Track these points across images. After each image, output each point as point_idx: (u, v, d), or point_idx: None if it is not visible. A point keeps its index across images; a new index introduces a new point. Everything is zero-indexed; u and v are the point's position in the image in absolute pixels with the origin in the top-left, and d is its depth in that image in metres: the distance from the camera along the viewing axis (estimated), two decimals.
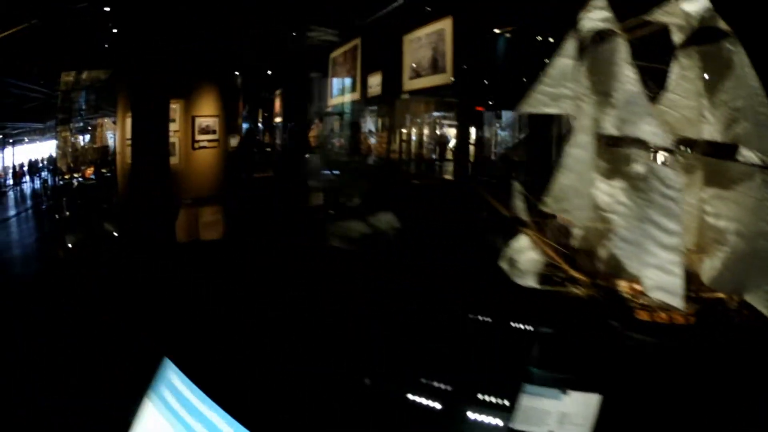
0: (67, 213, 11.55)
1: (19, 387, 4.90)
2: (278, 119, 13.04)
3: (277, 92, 13.07)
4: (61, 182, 13.72)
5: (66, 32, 12.08)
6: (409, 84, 8.78)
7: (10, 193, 28.05)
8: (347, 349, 4.33)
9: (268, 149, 13.15)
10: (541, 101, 5.14)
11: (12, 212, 19.81)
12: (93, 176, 11.13)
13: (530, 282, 4.53)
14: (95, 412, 3.89)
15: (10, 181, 33.42)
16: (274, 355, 4.51)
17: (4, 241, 13.51)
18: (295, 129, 12.33)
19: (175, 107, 11.48)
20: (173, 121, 11.41)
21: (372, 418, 3.27)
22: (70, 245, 9.66)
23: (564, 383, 2.85)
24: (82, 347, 5.71)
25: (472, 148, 8.77)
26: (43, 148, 41.25)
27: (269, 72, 13.40)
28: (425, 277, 5.96)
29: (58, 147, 14.88)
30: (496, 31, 7.98)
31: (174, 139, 11.25)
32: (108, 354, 5.33)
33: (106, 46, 12.41)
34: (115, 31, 11.66)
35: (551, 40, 7.50)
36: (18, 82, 16.25)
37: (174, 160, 11.43)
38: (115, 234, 9.48)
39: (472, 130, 8.69)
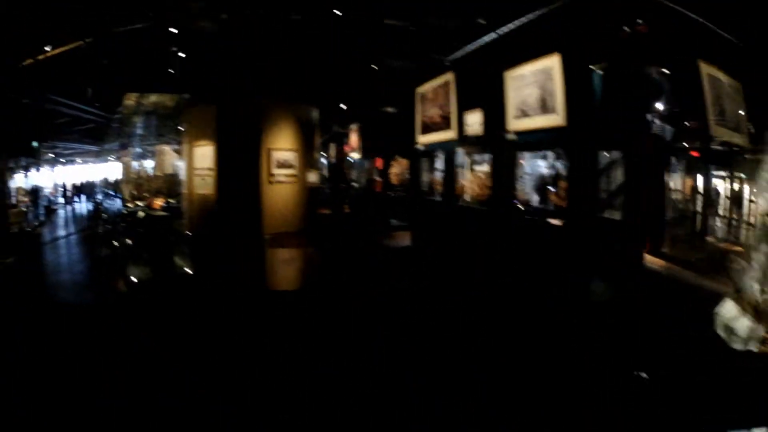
0: (129, 241, 11.03)
1: None
2: (354, 155, 12.40)
3: (353, 126, 12.41)
4: (123, 209, 13.14)
5: (125, 53, 11.81)
6: (515, 124, 8.03)
7: (61, 212, 28.26)
8: None
9: (342, 185, 12.60)
10: None
11: (62, 232, 19.55)
12: (163, 206, 10.50)
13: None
14: None
15: (61, 200, 33.91)
16: None
17: (54, 262, 13.33)
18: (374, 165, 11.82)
19: None
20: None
21: None
22: (134, 279, 9.04)
23: None
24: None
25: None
26: (97, 170, 42.03)
27: (344, 105, 12.88)
28: None
29: (122, 172, 14.47)
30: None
31: None
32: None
33: (171, 71, 11.97)
34: (182, 55, 11.24)
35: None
36: (71, 102, 16.22)
37: None
38: (190, 273, 8.87)
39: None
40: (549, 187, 8.73)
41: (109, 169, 37.49)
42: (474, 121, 9.01)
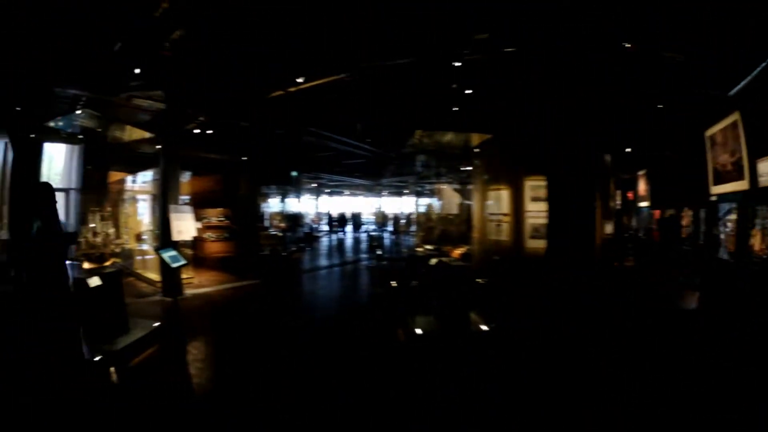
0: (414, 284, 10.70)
1: None
2: (643, 203, 11.17)
3: (640, 173, 11.15)
4: (414, 253, 12.72)
5: (396, 88, 11.04)
6: None
7: (324, 240, 30.16)
8: None
9: (626, 235, 11.32)
10: None
11: (323, 261, 18.93)
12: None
13: None
14: None
15: (324, 228, 36.81)
16: None
17: (306, 291, 12.78)
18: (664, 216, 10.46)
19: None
20: (543, 200, 10.77)
21: None
22: (419, 330, 8.53)
23: None
24: None
25: None
26: (366, 203, 45.15)
27: (629, 150, 11.61)
28: None
29: (403, 210, 14.50)
30: None
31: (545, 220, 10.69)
32: None
33: (455, 108, 11.44)
34: (468, 92, 10.73)
35: None
36: (339, 137, 16.07)
37: (543, 244, 10.56)
38: (485, 328, 8.22)
39: None
40: None
41: (380, 203, 40.21)
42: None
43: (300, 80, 9.88)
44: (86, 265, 7.02)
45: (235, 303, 10.68)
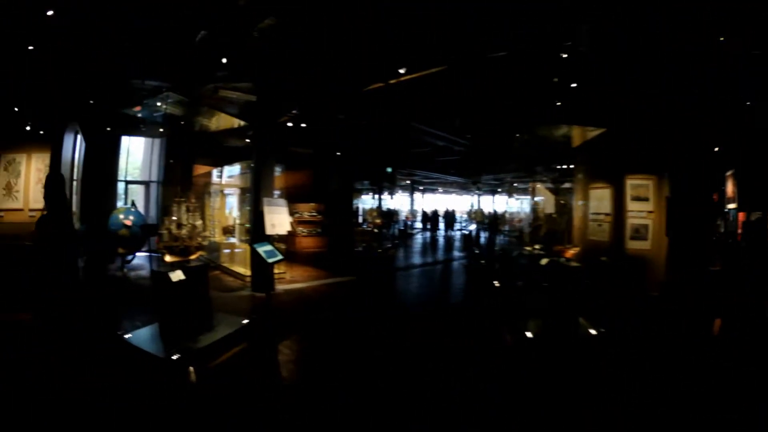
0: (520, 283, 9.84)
1: None
2: (731, 205, 9.92)
3: (728, 173, 9.83)
4: (520, 252, 11.77)
5: (494, 81, 10.45)
6: None
7: (418, 237, 29.47)
8: None
9: (714, 238, 10.09)
10: None
11: (418, 259, 17.72)
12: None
13: None
14: None
15: (418, 225, 36.12)
16: None
17: (401, 290, 11.60)
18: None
19: (648, 184, 10.47)
20: (645, 200, 10.47)
21: None
22: (529, 333, 7.51)
23: None
24: None
25: None
26: (458, 200, 44.33)
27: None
28: None
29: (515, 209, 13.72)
30: None
31: (647, 221, 10.39)
32: None
33: (558, 103, 10.52)
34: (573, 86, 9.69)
35: None
36: (435, 131, 15.51)
37: (644, 245, 10.32)
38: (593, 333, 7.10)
39: None
40: None
41: (473, 201, 39.10)
42: None
43: (402, 71, 9.32)
44: (168, 258, 6.51)
45: (329, 300, 9.99)
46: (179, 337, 6.25)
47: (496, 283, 10.89)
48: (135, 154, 15.70)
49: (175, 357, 5.76)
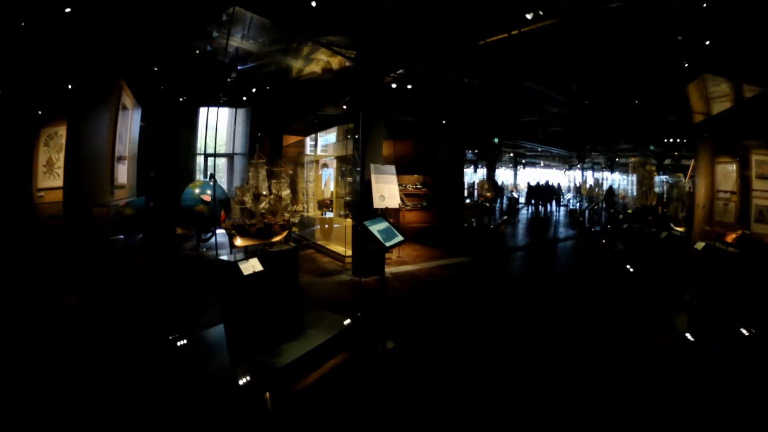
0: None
1: None
2: None
3: None
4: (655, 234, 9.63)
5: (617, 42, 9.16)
6: None
7: (523, 212, 26.89)
8: None
9: None
10: None
11: (534, 237, 15.36)
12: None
13: None
14: None
15: (522, 200, 33.11)
16: None
17: (550, 282, 9.47)
18: None
19: None
20: None
21: None
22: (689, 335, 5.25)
23: None
24: None
25: None
26: (560, 176, 41.08)
27: None
28: None
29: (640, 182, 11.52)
30: None
31: None
32: None
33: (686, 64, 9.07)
34: None
35: None
36: (551, 93, 13.62)
37: None
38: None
39: None
40: None
41: (576, 176, 35.97)
42: None
43: (529, 16, 7.94)
44: (240, 242, 4.56)
45: (447, 287, 7.94)
46: (252, 347, 4.40)
47: (630, 268, 8.94)
48: (221, 126, 14.33)
49: (243, 380, 3.89)
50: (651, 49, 9.20)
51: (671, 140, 15.75)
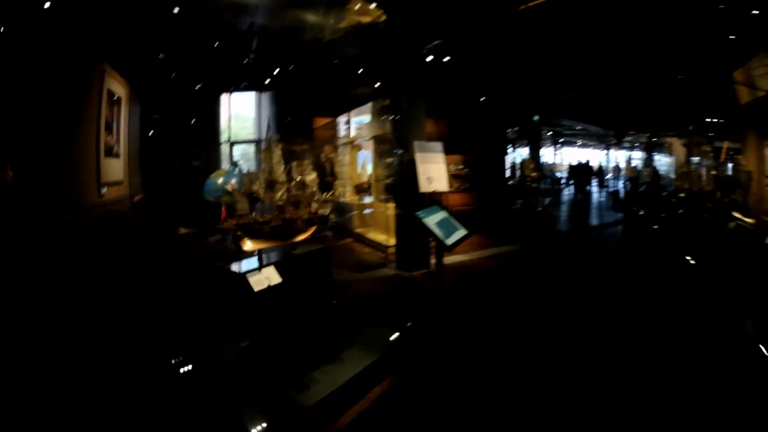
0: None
1: None
2: None
3: None
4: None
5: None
6: None
7: (565, 193, 25.33)
8: None
9: None
10: None
11: (584, 221, 14.25)
12: None
13: None
14: None
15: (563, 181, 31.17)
16: None
17: (611, 275, 8.26)
18: None
19: None
20: None
21: None
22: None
23: None
24: None
25: None
26: (596, 155, 39.14)
27: None
28: None
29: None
30: None
31: None
32: None
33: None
34: None
35: None
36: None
37: None
38: None
39: None
40: None
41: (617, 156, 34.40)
42: None
43: None
44: (250, 246, 3.31)
45: (504, 281, 6.65)
46: (271, 379, 3.24)
47: (690, 260, 7.53)
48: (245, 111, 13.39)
49: (258, 429, 2.73)
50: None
51: (714, 120, 14.64)
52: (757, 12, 7.09)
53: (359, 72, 11.00)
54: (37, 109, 5.95)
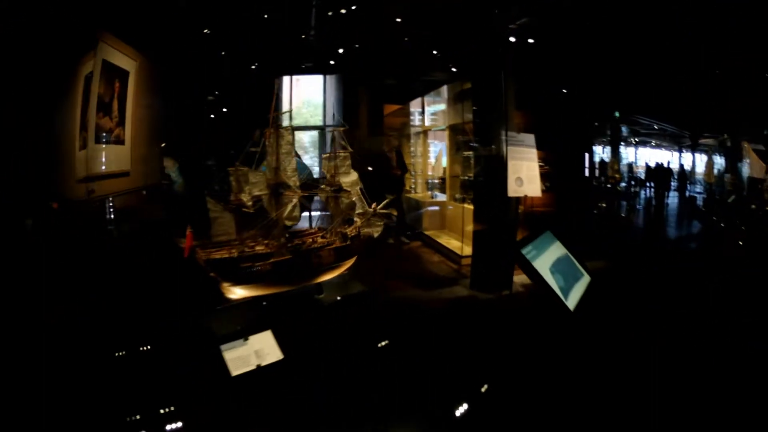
0: None
1: None
2: None
3: None
4: None
5: None
6: None
7: (641, 196, 23.06)
8: None
9: None
10: None
11: (671, 233, 13.21)
12: None
13: None
14: None
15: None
16: None
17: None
18: None
19: None
20: None
21: None
22: None
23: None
24: None
25: None
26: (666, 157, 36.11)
27: None
28: None
29: None
30: None
31: None
32: None
33: None
34: None
35: None
36: None
37: None
38: None
39: None
40: None
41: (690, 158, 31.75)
42: None
43: None
44: (238, 293, 1.80)
45: (600, 313, 4.82)
46: None
47: None
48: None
49: None
50: None
51: None
52: None
53: (435, 53, 9.61)
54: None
